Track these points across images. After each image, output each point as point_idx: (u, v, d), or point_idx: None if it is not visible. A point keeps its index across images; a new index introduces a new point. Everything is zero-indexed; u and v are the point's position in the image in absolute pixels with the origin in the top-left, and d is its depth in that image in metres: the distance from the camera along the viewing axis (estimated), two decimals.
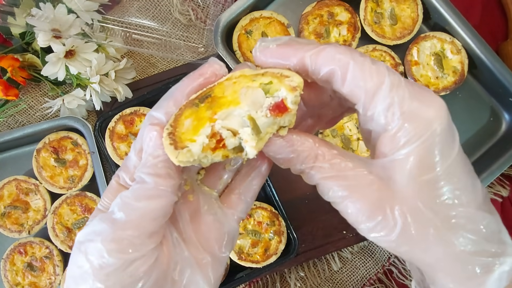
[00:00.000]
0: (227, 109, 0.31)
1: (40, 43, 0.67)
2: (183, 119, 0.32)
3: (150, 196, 0.31)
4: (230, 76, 0.33)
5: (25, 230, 0.74)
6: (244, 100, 0.31)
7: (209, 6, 0.81)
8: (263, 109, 0.30)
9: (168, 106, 0.34)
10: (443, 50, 0.77)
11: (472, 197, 0.30)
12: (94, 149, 0.73)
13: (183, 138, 0.31)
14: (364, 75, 0.29)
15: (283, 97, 0.30)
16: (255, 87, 0.31)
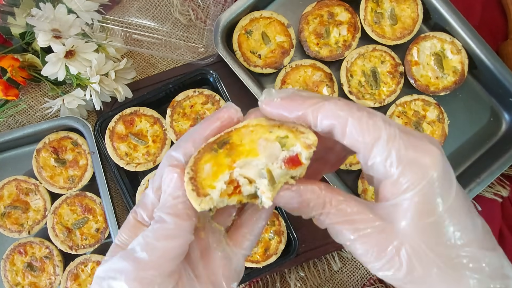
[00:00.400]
0: (246, 159, 0.33)
1: (40, 43, 0.67)
2: (202, 163, 0.34)
3: (170, 236, 0.33)
4: (247, 123, 0.35)
5: (25, 230, 0.74)
6: (262, 152, 0.33)
7: (209, 6, 0.81)
8: (279, 161, 0.33)
9: (187, 147, 0.35)
10: (443, 50, 0.77)
11: (473, 236, 0.32)
12: (94, 149, 0.73)
13: (204, 184, 0.33)
14: (362, 130, 0.31)
15: (298, 152, 0.33)
16: (272, 140, 0.34)
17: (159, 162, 0.74)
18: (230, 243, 0.39)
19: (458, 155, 0.79)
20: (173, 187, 0.34)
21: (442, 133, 0.76)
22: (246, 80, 0.74)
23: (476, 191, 0.73)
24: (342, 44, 0.77)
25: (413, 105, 0.76)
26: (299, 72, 0.77)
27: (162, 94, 0.75)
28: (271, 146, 0.33)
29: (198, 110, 0.74)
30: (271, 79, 0.80)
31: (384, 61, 0.77)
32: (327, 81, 0.77)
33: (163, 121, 0.75)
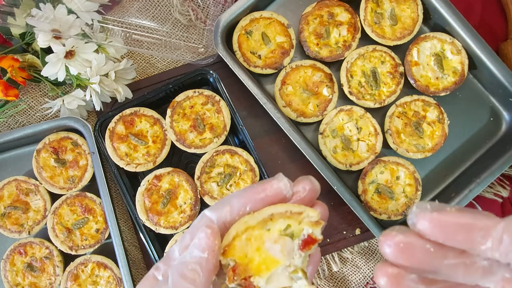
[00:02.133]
0: (268, 273, 0.32)
1: (40, 44, 0.67)
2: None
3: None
4: (236, 232, 0.33)
5: (25, 231, 0.74)
6: (280, 257, 0.32)
7: (209, 6, 0.81)
8: (296, 252, 0.33)
9: (223, 213, 0.34)
10: (443, 50, 0.77)
11: None
12: (94, 149, 0.73)
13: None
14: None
15: (309, 234, 0.33)
16: (278, 239, 0.32)
17: (159, 162, 0.74)
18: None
19: (458, 155, 0.79)
20: (196, 247, 0.33)
21: (442, 134, 0.76)
22: (246, 81, 0.74)
23: (476, 191, 0.73)
24: (342, 45, 0.77)
25: (413, 105, 0.76)
26: (299, 72, 0.77)
27: (162, 94, 0.75)
28: (284, 245, 0.32)
29: (198, 111, 0.74)
30: (271, 79, 0.80)
31: (384, 62, 0.77)
32: (327, 81, 0.77)
33: (163, 121, 0.75)
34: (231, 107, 0.73)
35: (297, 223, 0.33)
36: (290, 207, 0.33)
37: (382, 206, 0.75)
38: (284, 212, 0.33)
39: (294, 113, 0.76)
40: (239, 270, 0.32)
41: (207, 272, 0.32)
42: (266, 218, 0.33)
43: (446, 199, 0.75)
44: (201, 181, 0.73)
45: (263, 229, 0.33)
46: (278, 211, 0.33)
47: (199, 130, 0.74)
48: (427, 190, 0.78)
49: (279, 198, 0.34)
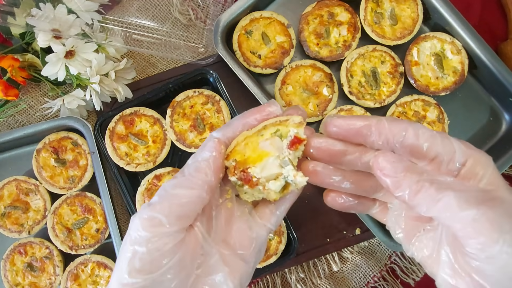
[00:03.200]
0: (261, 162, 0.38)
1: (40, 43, 0.67)
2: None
3: (183, 186, 0.38)
4: (236, 141, 0.40)
5: (25, 230, 0.74)
6: (271, 150, 0.38)
7: (209, 6, 0.80)
8: (285, 150, 0.38)
9: (227, 131, 0.41)
10: (443, 50, 0.77)
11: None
12: (94, 149, 0.73)
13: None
14: (434, 131, 0.38)
15: (295, 134, 0.38)
16: (270, 138, 0.39)
17: (159, 162, 0.74)
18: (256, 215, 0.43)
19: None
20: (205, 150, 0.39)
21: None
22: (246, 80, 0.74)
23: None
24: (342, 44, 0.77)
25: (413, 105, 0.76)
26: (299, 72, 0.77)
27: (162, 94, 0.75)
28: (274, 141, 0.39)
29: (198, 111, 0.74)
30: (271, 79, 0.80)
31: (384, 61, 0.77)
32: (327, 81, 0.77)
33: (163, 121, 0.75)
34: (231, 107, 0.73)
35: (284, 127, 0.39)
36: (279, 117, 0.40)
37: None
38: (274, 121, 0.40)
39: None
40: (238, 165, 0.39)
41: (215, 168, 0.39)
42: (261, 128, 0.40)
43: None
44: None
45: (258, 136, 0.39)
46: (269, 122, 0.40)
47: (199, 130, 0.74)
48: None
49: (270, 117, 0.41)
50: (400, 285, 0.79)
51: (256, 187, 0.39)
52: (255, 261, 0.42)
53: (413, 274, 0.79)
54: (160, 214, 0.36)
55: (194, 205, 0.38)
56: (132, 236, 0.36)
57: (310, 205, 0.79)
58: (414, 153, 0.37)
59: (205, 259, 0.39)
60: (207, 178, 0.38)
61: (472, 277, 0.34)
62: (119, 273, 0.36)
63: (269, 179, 0.39)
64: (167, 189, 0.38)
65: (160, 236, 0.36)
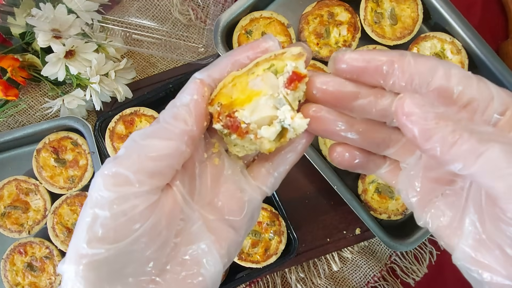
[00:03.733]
0: (251, 103, 0.31)
1: (40, 43, 0.67)
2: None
3: (157, 136, 0.31)
4: (223, 83, 0.32)
5: (25, 230, 0.74)
6: (263, 87, 0.31)
7: (209, 6, 0.80)
8: (281, 89, 0.31)
9: (213, 71, 0.33)
10: (443, 50, 0.77)
11: None
12: (94, 149, 0.73)
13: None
14: (469, 72, 0.31)
15: (293, 68, 0.30)
16: (262, 74, 0.31)
17: None
18: (249, 175, 0.36)
19: None
20: (185, 93, 0.32)
21: None
22: None
23: None
24: (342, 44, 0.77)
25: None
26: None
27: (162, 94, 0.75)
28: (266, 77, 0.31)
29: None
30: None
31: None
32: None
33: None
34: None
35: (281, 61, 0.31)
36: (275, 52, 0.32)
37: (382, 205, 0.75)
38: (269, 56, 0.31)
39: None
40: (224, 109, 0.31)
41: (197, 114, 0.31)
42: (252, 67, 0.32)
43: None
44: None
45: (248, 75, 0.31)
46: (263, 58, 0.32)
47: None
48: None
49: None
50: (400, 285, 0.79)
51: (246, 136, 0.31)
52: (246, 229, 0.35)
53: (413, 274, 0.79)
54: (127, 170, 0.29)
55: (171, 159, 0.30)
56: (92, 197, 0.29)
57: (310, 205, 0.79)
58: (444, 98, 0.30)
59: (185, 226, 0.32)
60: (187, 127, 0.31)
61: (504, 251, 0.28)
62: (76, 241, 0.29)
63: (261, 124, 0.31)
64: (137, 140, 0.31)
65: (127, 197, 0.29)
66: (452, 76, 0.29)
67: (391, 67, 0.30)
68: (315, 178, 0.76)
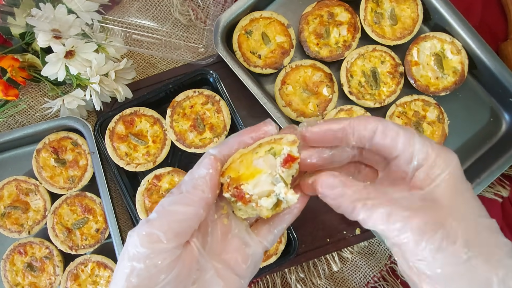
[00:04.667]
0: (254, 179, 0.39)
1: (40, 44, 0.67)
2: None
3: (180, 203, 0.38)
4: (232, 159, 0.41)
5: (25, 230, 0.74)
6: (264, 167, 0.39)
7: (209, 6, 0.81)
8: (278, 167, 0.39)
9: (223, 149, 0.42)
10: (443, 50, 0.77)
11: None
12: (94, 149, 0.73)
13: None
14: (399, 128, 0.39)
15: (289, 151, 0.39)
16: (264, 156, 0.39)
17: (159, 162, 0.74)
18: (252, 232, 0.44)
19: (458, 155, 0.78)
20: (201, 167, 0.40)
21: (442, 133, 0.76)
22: (246, 80, 0.74)
23: (476, 191, 0.73)
24: (342, 45, 0.77)
25: (413, 105, 0.76)
26: (299, 72, 0.77)
27: (162, 94, 0.75)
28: (267, 159, 0.39)
29: (198, 111, 0.74)
30: (271, 79, 0.80)
31: (384, 62, 0.77)
32: (327, 81, 0.77)
33: (163, 121, 0.75)
34: (231, 107, 0.73)
35: (278, 145, 0.39)
36: (274, 136, 0.41)
37: None
38: (269, 139, 0.40)
39: (294, 113, 0.76)
40: (232, 181, 0.39)
41: (212, 185, 0.39)
42: (256, 147, 0.40)
43: None
44: None
45: (252, 154, 0.40)
46: (265, 140, 0.41)
47: (199, 130, 0.74)
48: None
49: (266, 136, 0.42)
50: (400, 285, 0.79)
51: (249, 204, 0.39)
52: (249, 277, 0.43)
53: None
54: (159, 230, 0.37)
55: (192, 221, 0.38)
56: (130, 252, 0.37)
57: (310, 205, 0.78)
58: (383, 152, 0.39)
59: (200, 274, 0.39)
60: (204, 195, 0.39)
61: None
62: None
63: (261, 196, 0.39)
64: (165, 206, 0.39)
65: (158, 252, 0.36)
66: (387, 133, 0.38)
67: (345, 132, 0.39)
68: None
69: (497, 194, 0.80)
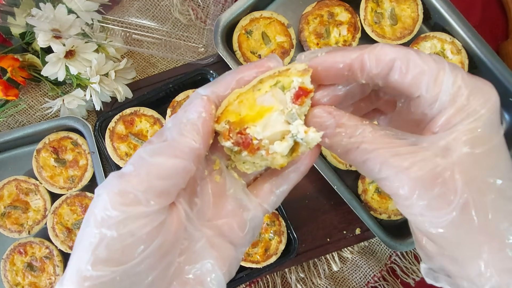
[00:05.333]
0: (262, 119, 0.31)
1: (40, 43, 0.67)
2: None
3: (165, 153, 0.30)
4: (228, 101, 0.32)
5: (25, 230, 0.74)
6: (274, 103, 0.31)
7: (209, 6, 0.80)
8: (289, 103, 0.31)
9: (217, 88, 0.33)
10: (443, 50, 0.77)
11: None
12: (94, 149, 0.73)
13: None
14: (426, 61, 0.30)
15: (300, 83, 0.31)
16: (270, 90, 0.31)
17: None
18: (250, 193, 0.36)
19: None
20: (191, 110, 0.31)
21: None
22: None
23: None
24: (342, 44, 0.77)
25: None
26: None
27: (162, 94, 0.75)
28: (276, 93, 0.31)
29: None
30: None
31: None
32: None
33: (163, 121, 0.75)
34: None
35: (286, 77, 0.32)
36: (278, 68, 0.32)
37: (382, 205, 0.75)
38: (273, 73, 0.32)
39: None
40: (233, 126, 0.31)
41: (205, 132, 0.31)
42: (256, 83, 0.32)
43: None
44: None
45: (254, 91, 0.32)
46: (266, 75, 0.32)
47: None
48: None
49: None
50: (400, 285, 0.79)
51: (258, 152, 0.31)
52: (247, 245, 0.35)
53: (413, 274, 0.79)
54: (136, 188, 0.28)
55: (179, 177, 0.30)
56: (97, 216, 0.28)
57: (310, 205, 0.79)
58: (401, 91, 0.32)
59: (189, 245, 0.32)
60: (195, 145, 0.30)
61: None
62: (79, 263, 0.28)
63: (274, 140, 0.31)
64: (144, 156, 0.30)
65: (136, 217, 0.28)
66: (410, 69, 0.31)
67: (352, 69, 0.32)
68: (315, 178, 0.76)
69: None
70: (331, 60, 0.32)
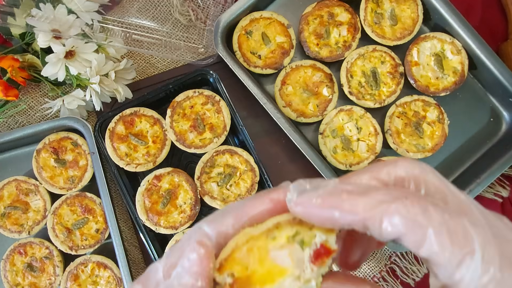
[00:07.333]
0: (273, 286, 0.26)
1: (40, 44, 0.67)
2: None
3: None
4: (235, 243, 0.27)
5: (25, 231, 0.74)
6: (289, 265, 0.26)
7: (209, 6, 0.81)
8: (306, 264, 0.27)
9: (223, 226, 0.28)
10: (443, 50, 0.77)
11: None
12: (94, 149, 0.73)
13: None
14: (450, 243, 0.25)
15: (322, 242, 0.27)
16: (286, 245, 0.27)
17: (159, 162, 0.74)
18: None
19: (458, 155, 0.79)
20: (185, 270, 0.27)
21: (442, 134, 0.76)
22: (246, 81, 0.74)
23: (476, 191, 0.73)
24: (342, 45, 0.77)
25: (413, 105, 0.76)
26: (299, 72, 0.77)
27: (162, 94, 0.75)
28: (293, 251, 0.27)
29: (198, 111, 0.74)
30: (271, 79, 0.80)
31: (384, 62, 0.77)
32: (327, 81, 0.77)
33: (163, 121, 0.75)
34: (231, 107, 0.73)
35: (307, 229, 0.27)
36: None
37: None
38: (292, 219, 0.27)
39: (294, 113, 0.76)
40: (238, 284, 0.26)
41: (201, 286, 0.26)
42: (271, 227, 0.27)
43: None
44: (201, 181, 0.73)
45: (267, 238, 0.27)
46: (284, 219, 0.27)
47: (199, 130, 0.74)
48: None
49: (287, 209, 0.28)
50: (400, 285, 0.79)
51: None
52: None
53: (413, 274, 0.79)
54: None
55: None
56: None
57: None
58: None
59: None
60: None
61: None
62: None
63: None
64: None
65: None
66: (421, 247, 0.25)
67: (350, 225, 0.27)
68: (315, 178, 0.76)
69: (497, 194, 0.80)
70: (327, 214, 0.26)
